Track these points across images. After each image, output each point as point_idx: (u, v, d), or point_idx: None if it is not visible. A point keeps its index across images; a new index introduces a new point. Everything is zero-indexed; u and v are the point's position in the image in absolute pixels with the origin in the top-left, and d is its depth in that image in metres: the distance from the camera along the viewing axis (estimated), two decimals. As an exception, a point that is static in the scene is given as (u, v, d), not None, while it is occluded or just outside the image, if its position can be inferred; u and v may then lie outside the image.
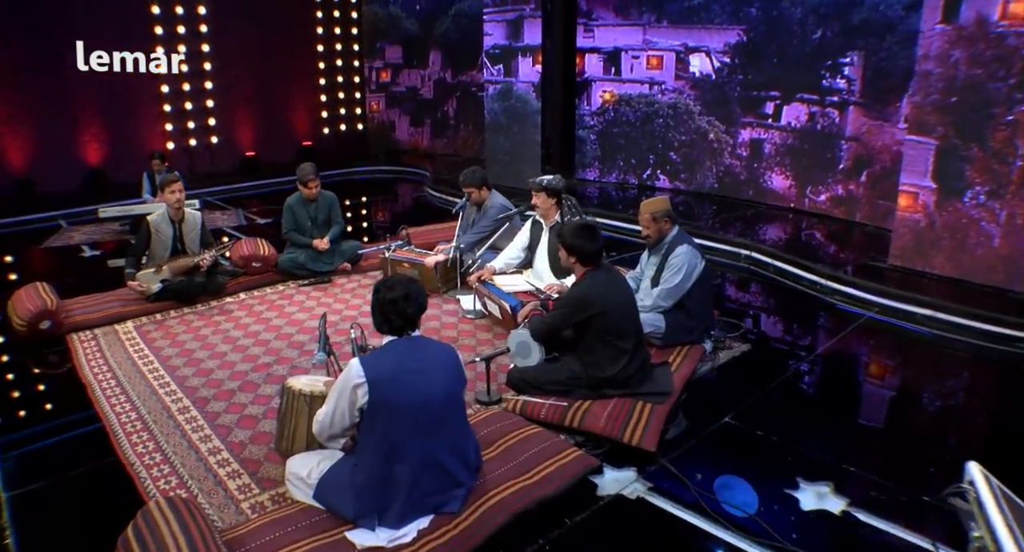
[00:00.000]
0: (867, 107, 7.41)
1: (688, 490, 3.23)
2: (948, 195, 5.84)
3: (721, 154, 8.85)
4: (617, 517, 3.07)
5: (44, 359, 4.77)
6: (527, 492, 3.05)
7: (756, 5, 8.08)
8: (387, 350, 2.81)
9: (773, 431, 3.80)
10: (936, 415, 4.18)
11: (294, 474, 2.97)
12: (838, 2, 7.38)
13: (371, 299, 2.86)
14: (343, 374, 2.76)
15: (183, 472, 3.26)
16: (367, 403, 2.71)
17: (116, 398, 4.01)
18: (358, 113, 12.41)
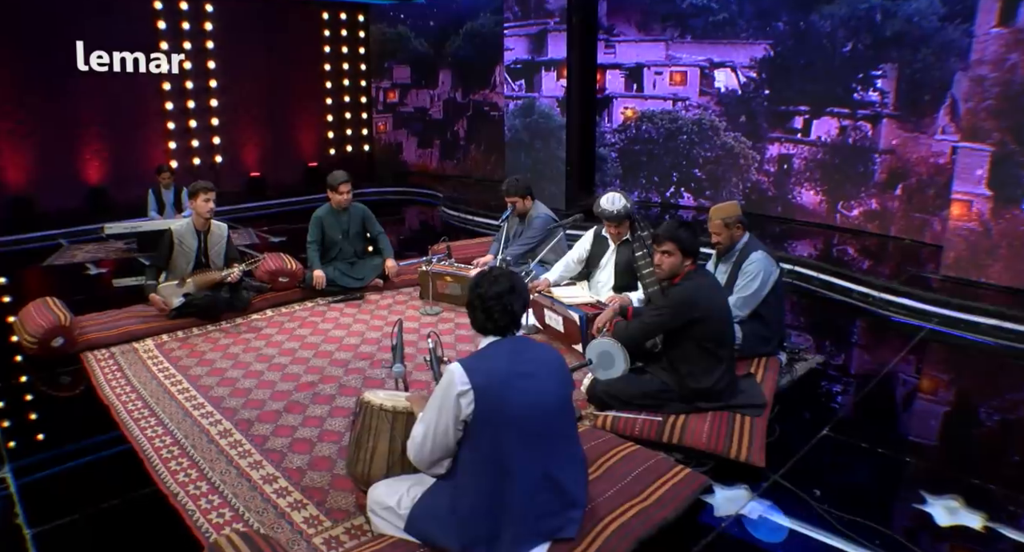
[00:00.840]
0: (902, 119, 7.32)
1: (810, 506, 2.95)
2: (1005, 203, 5.69)
3: (748, 170, 8.72)
4: (743, 539, 2.78)
5: (58, 379, 4.42)
6: (647, 515, 2.75)
7: (784, 19, 8.02)
8: (491, 352, 2.50)
9: (876, 443, 3.55)
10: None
11: (379, 504, 2.62)
12: (869, 15, 7.33)
13: (469, 295, 2.55)
14: (441, 383, 2.43)
15: (236, 503, 2.92)
16: (472, 414, 2.38)
17: (145, 421, 3.68)
18: (365, 134, 12.20)
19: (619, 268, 4.99)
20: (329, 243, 5.96)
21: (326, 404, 3.86)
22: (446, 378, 2.41)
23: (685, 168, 9.16)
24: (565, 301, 4.77)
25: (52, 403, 4.20)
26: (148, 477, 3.14)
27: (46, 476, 3.27)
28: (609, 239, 5.10)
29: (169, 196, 8.30)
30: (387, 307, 5.65)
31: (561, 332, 4.72)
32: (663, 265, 3.60)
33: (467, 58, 11.32)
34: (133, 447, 3.42)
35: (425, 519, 2.51)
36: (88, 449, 3.51)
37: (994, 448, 3.65)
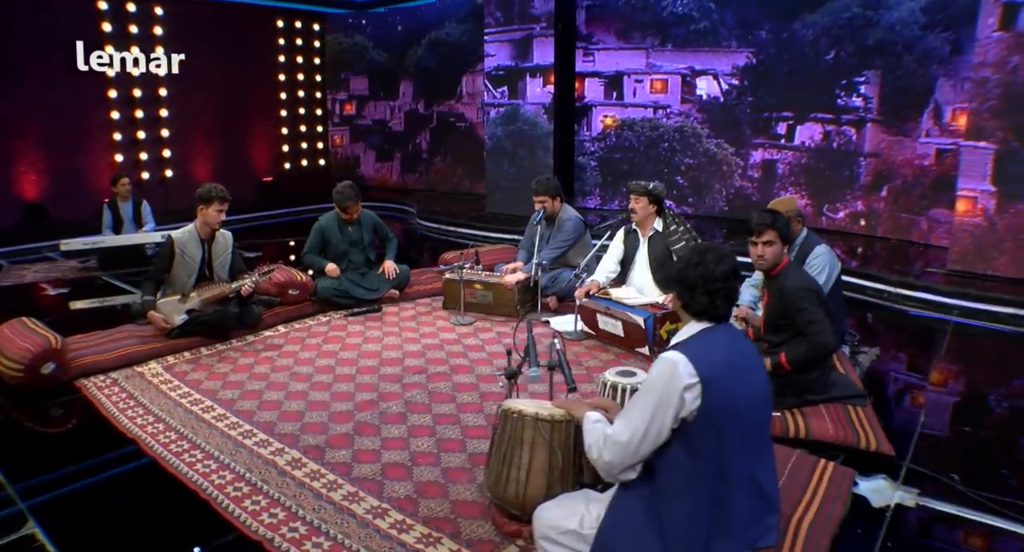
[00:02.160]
0: (886, 124, 7.65)
1: (955, 489, 2.95)
2: (1008, 198, 6.00)
3: (731, 177, 8.90)
4: (913, 527, 2.72)
5: (55, 414, 3.87)
6: (827, 513, 2.63)
7: (766, 28, 8.28)
8: (709, 340, 2.24)
9: (975, 426, 3.62)
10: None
11: (554, 528, 2.32)
12: (852, 23, 7.66)
13: (688, 274, 2.27)
14: (661, 376, 2.15)
15: (352, 544, 2.54)
16: (696, 411, 2.14)
17: (189, 455, 3.23)
18: (320, 148, 11.75)
19: (653, 261, 4.96)
20: (335, 254, 5.62)
21: (400, 423, 3.54)
22: (665, 369, 2.17)
23: (667, 176, 9.25)
24: (627, 302, 4.64)
25: (61, 442, 3.63)
26: (223, 521, 2.71)
27: (88, 535, 2.76)
28: (639, 233, 5.03)
29: (127, 209, 7.67)
30: (412, 318, 5.35)
31: (619, 336, 4.58)
32: (766, 255, 3.52)
33: (430, 68, 11.12)
34: (185, 485, 2.97)
35: (619, 537, 2.25)
36: (126, 490, 3.06)
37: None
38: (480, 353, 4.57)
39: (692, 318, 2.31)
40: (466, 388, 3.99)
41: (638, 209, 4.96)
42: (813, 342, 3.44)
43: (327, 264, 5.46)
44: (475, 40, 10.50)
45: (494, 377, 4.13)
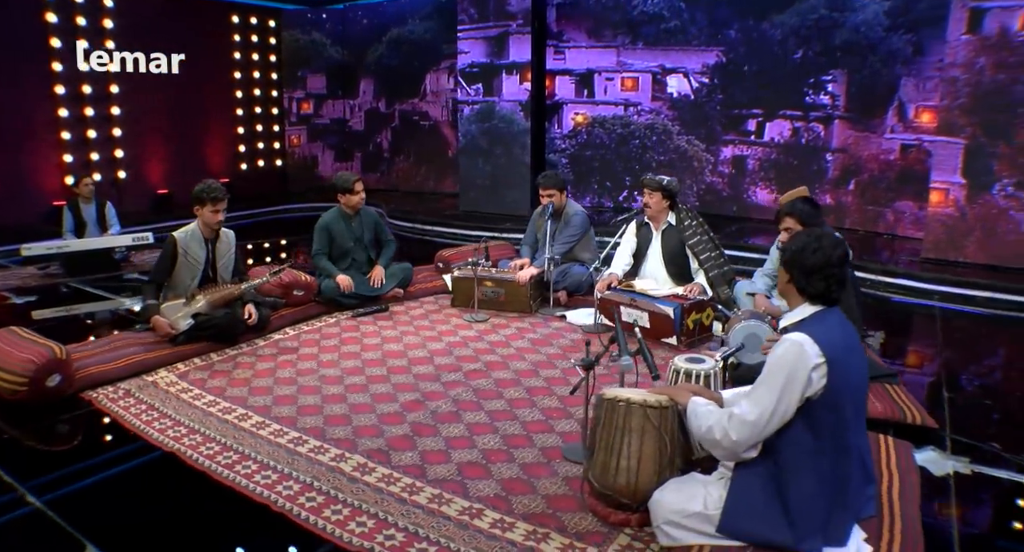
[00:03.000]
0: (852, 121, 8.04)
1: (1002, 456, 3.19)
2: (978, 189, 6.42)
3: (702, 172, 9.16)
4: (977, 493, 2.93)
5: (69, 429, 3.61)
6: (910, 483, 2.78)
7: (735, 27, 8.56)
8: (825, 321, 2.35)
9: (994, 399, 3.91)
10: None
11: (678, 512, 2.40)
12: (819, 24, 8.02)
13: (808, 259, 2.33)
14: (787, 360, 2.24)
15: (460, 547, 2.48)
16: (821, 390, 2.25)
17: (244, 466, 3.07)
18: (277, 148, 11.43)
19: (667, 255, 5.09)
20: (339, 252, 5.51)
21: (455, 422, 3.50)
22: (792, 350, 2.26)
23: (638, 172, 9.43)
24: (651, 293, 4.74)
25: (94, 462, 3.31)
26: (306, 533, 2.59)
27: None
28: (651, 227, 5.15)
29: (91, 212, 7.30)
30: (424, 317, 5.30)
31: (645, 327, 4.66)
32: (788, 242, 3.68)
33: (392, 66, 10.99)
34: (249, 499, 2.83)
35: (742, 515, 2.33)
36: (181, 506, 2.91)
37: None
38: (507, 349, 4.58)
39: (805, 301, 2.42)
40: (508, 384, 3.99)
41: (652, 203, 5.06)
42: None
43: (339, 274, 5.32)
44: (440, 37, 10.47)
45: (531, 371, 4.16)
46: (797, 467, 2.30)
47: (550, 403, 3.74)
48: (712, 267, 4.99)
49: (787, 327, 2.45)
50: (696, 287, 4.87)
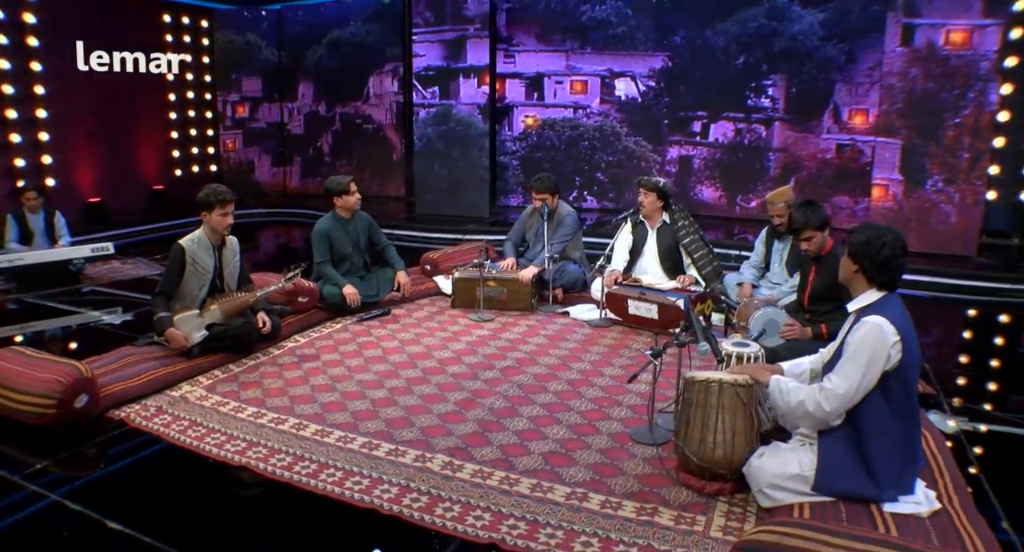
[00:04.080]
0: (792, 122, 8.70)
1: (995, 415, 3.72)
2: (913, 184, 7.14)
3: (649, 172, 9.60)
4: (985, 444, 3.43)
5: (117, 453, 3.44)
6: (937, 440, 3.20)
7: (680, 34, 9.06)
8: (892, 305, 2.70)
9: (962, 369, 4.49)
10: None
11: (780, 475, 2.70)
12: (759, 33, 8.63)
13: (878, 252, 2.67)
14: (870, 339, 2.57)
15: (585, 528, 2.65)
16: (896, 364, 2.60)
17: (328, 474, 3.08)
18: (212, 153, 11.04)
19: (662, 252, 5.44)
20: (338, 258, 5.52)
21: (515, 417, 3.65)
22: (874, 331, 2.59)
23: (588, 172, 9.82)
24: (658, 287, 5.04)
25: (166, 485, 3.23)
26: (431, 533, 2.67)
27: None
28: (647, 225, 5.48)
29: (38, 222, 6.91)
30: (430, 319, 5.40)
31: (653, 319, 4.96)
32: (811, 247, 4.10)
33: (333, 68, 10.87)
34: (351, 505, 2.86)
35: (833, 474, 2.66)
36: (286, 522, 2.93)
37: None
38: (528, 346, 4.76)
39: (872, 288, 2.76)
40: (546, 379, 4.17)
41: (646, 203, 5.39)
42: None
43: (346, 283, 5.32)
44: (382, 40, 10.46)
45: (561, 366, 4.37)
46: (875, 431, 2.65)
47: (595, 393, 3.95)
48: (705, 264, 5.36)
49: (858, 311, 2.79)
50: (689, 279, 5.25)
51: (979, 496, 2.87)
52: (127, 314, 5.68)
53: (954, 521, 2.58)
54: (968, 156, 6.91)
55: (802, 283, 4.40)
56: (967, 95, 6.70)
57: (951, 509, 2.66)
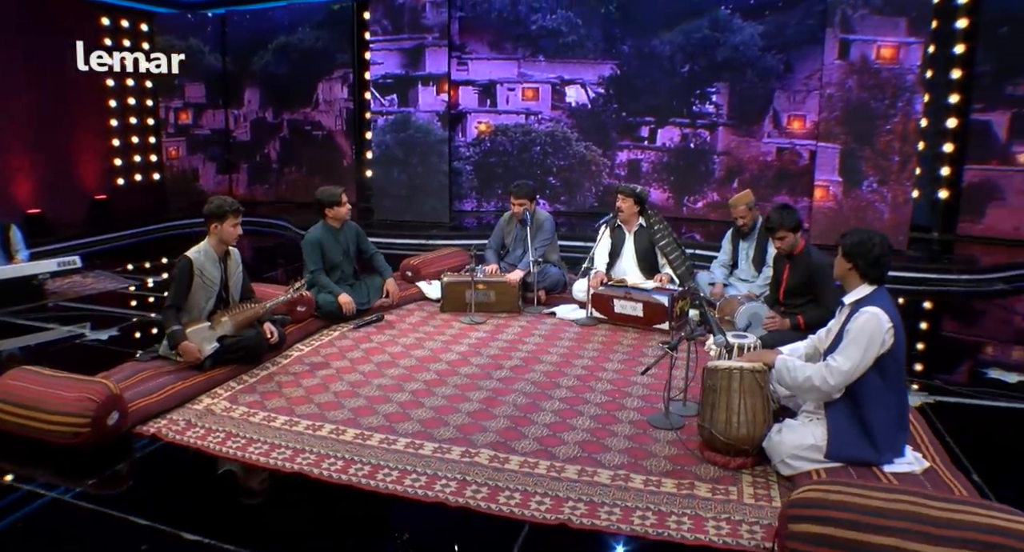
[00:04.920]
0: (735, 127, 9.34)
1: (949, 389, 4.25)
2: (851, 185, 7.85)
3: (600, 176, 10.10)
4: (946, 416, 4.01)
5: (164, 474, 3.50)
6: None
7: (628, 43, 9.57)
8: (882, 297, 3.14)
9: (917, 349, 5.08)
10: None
11: (798, 447, 3.12)
12: (703, 43, 9.23)
13: (870, 252, 3.10)
14: (870, 326, 2.99)
15: (638, 504, 2.99)
16: (889, 347, 3.05)
17: (385, 474, 3.25)
18: (155, 161, 10.82)
19: (639, 253, 5.87)
20: (329, 266, 5.67)
21: (539, 411, 3.93)
22: (872, 319, 3.03)
23: (540, 176, 10.19)
24: (642, 286, 5.45)
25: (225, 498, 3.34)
26: (502, 520, 2.90)
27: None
28: (624, 227, 5.90)
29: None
30: (424, 323, 5.63)
31: (638, 317, 5.37)
32: (783, 245, 4.61)
33: (280, 75, 10.86)
34: (418, 502, 3.07)
35: (842, 443, 3.10)
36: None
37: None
38: (527, 345, 5.06)
39: (864, 283, 3.22)
40: (556, 375, 4.49)
41: (624, 208, 5.80)
42: (829, 310, 4.54)
43: (341, 292, 5.49)
44: (332, 46, 10.54)
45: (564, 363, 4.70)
46: (874, 403, 3.11)
47: (604, 387, 4.30)
48: (679, 264, 5.82)
49: (853, 303, 3.25)
50: (665, 277, 5.69)
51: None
52: (111, 329, 5.64)
53: (941, 476, 3.06)
54: (898, 159, 7.67)
55: (777, 280, 4.90)
56: (896, 104, 7.45)
57: (936, 466, 3.15)
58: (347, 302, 5.48)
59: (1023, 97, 8.18)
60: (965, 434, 3.67)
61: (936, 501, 2.44)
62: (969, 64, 8.36)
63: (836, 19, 7.50)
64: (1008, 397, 4.27)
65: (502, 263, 6.25)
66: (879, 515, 2.36)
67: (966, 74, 8.39)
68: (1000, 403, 4.19)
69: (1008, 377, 4.62)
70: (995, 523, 2.31)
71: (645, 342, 5.14)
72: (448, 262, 6.75)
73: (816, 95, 8.42)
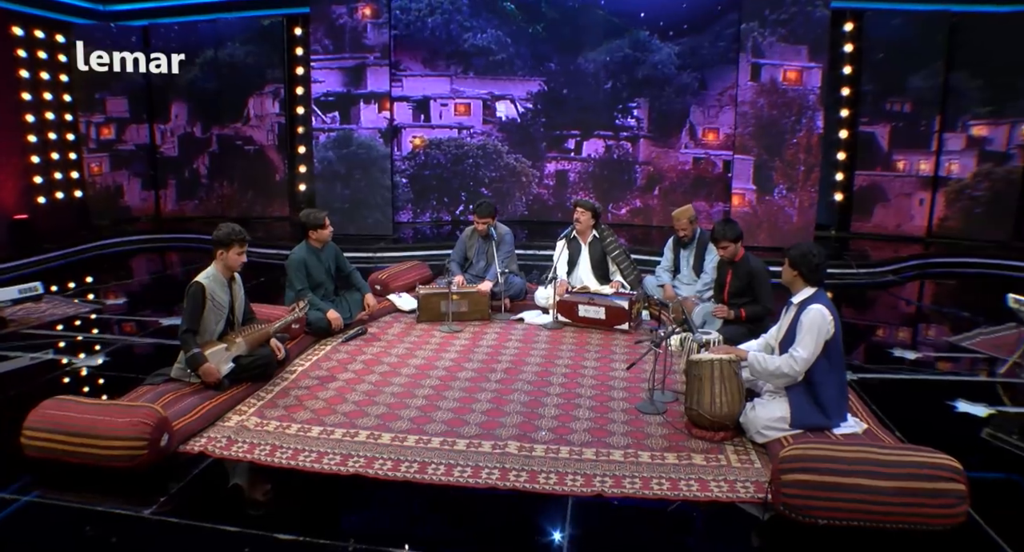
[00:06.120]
0: (654, 139, 10.38)
1: (867, 368, 5.31)
2: (764, 193, 9.01)
3: (529, 186, 10.91)
4: (871, 391, 4.98)
5: (252, 486, 3.88)
6: (860, 386, 4.72)
7: (555, 61, 10.41)
8: (822, 296, 4.03)
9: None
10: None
11: (769, 420, 3.96)
12: (624, 61, 10.20)
13: (812, 260, 4.01)
14: (817, 320, 3.85)
15: (653, 475, 3.72)
16: (832, 335, 3.94)
17: (434, 468, 3.82)
18: (76, 177, 10.71)
19: (594, 262, 6.70)
20: (313, 285, 6.14)
21: (542, 406, 4.60)
22: (819, 314, 3.91)
23: (472, 188, 10.90)
24: (603, 292, 6.29)
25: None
26: (549, 497, 3.58)
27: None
28: (579, 238, 6.72)
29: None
30: (406, 334, 6.18)
31: (601, 319, 6.19)
32: (726, 253, 5.52)
33: (209, 89, 11.01)
34: (478, 489, 3.64)
35: (803, 414, 3.98)
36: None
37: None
38: (508, 350, 5.74)
39: (807, 286, 4.14)
40: (545, 374, 5.19)
41: (583, 220, 6.60)
42: (765, 307, 5.51)
43: (330, 308, 5.96)
44: (262, 62, 10.82)
45: (548, 363, 5.43)
46: (822, 381, 3.99)
47: (590, 382, 5.06)
48: (629, 271, 6.67)
49: (800, 302, 4.16)
50: (617, 283, 6.54)
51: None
52: (103, 355, 5.83)
53: (876, 435, 4.02)
54: (803, 169, 8.89)
55: (720, 282, 5.81)
56: (801, 121, 8.66)
57: (871, 427, 4.10)
58: (335, 318, 5.99)
59: (899, 113, 9.64)
60: (884, 402, 4.67)
61: (882, 448, 3.36)
62: (856, 83, 9.75)
63: (748, 46, 8.62)
64: (910, 371, 5.37)
65: (466, 274, 6.91)
66: (846, 463, 3.24)
67: (853, 92, 9.78)
68: (904, 376, 5.27)
69: (908, 355, 5.75)
70: (924, 459, 3.24)
71: (611, 341, 5.95)
72: (412, 274, 7.35)
73: (728, 109, 9.55)
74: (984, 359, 5.70)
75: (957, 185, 9.79)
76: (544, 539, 3.30)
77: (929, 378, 5.32)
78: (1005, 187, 9.55)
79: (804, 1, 8.40)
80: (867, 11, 9.57)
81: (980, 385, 5.21)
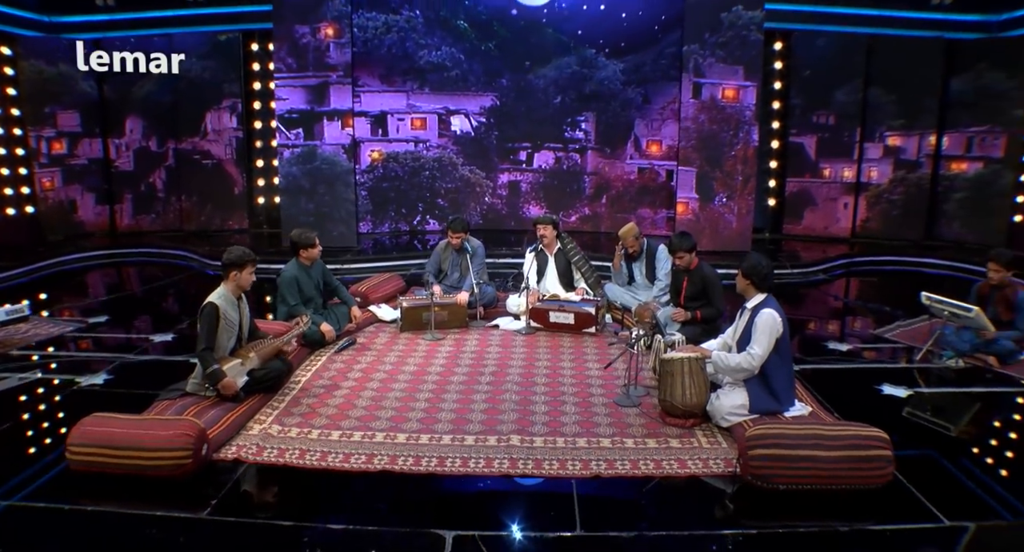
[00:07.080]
0: (601, 150, 11.23)
1: (808, 360, 6.25)
2: (706, 201, 9.96)
3: (483, 196, 11.61)
4: (816, 379, 5.90)
5: (302, 489, 4.28)
6: (803, 375, 5.62)
7: (506, 77, 11.14)
8: (772, 301, 4.84)
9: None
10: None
11: (732, 407, 4.73)
12: (573, 77, 11.01)
13: (761, 270, 4.84)
14: (769, 322, 4.64)
15: (641, 460, 4.43)
16: (782, 333, 4.77)
17: (450, 461, 4.39)
18: (27, 192, 10.80)
19: (560, 271, 7.45)
20: (304, 300, 6.69)
21: (532, 404, 5.24)
22: (771, 317, 4.73)
23: (429, 199, 11.53)
24: (571, 299, 7.06)
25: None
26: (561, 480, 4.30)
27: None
28: (546, 251, 7.47)
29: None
30: (393, 342, 6.76)
31: (571, 324, 6.95)
32: (682, 263, 6.34)
33: (164, 103, 11.28)
34: (491, 477, 4.31)
35: (760, 401, 4.78)
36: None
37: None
38: (490, 355, 6.38)
39: (759, 292, 4.98)
40: (529, 375, 5.87)
41: (547, 234, 7.34)
42: (718, 309, 6.36)
43: (323, 322, 6.51)
44: (219, 77, 11.16)
45: (529, 364, 6.15)
46: (774, 373, 4.79)
47: (570, 380, 5.79)
48: (590, 277, 7.45)
49: (753, 307, 5.00)
50: (581, 290, 7.31)
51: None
52: (106, 374, 6.10)
53: (819, 416, 4.89)
54: (741, 179, 9.87)
55: (677, 289, 6.62)
56: (738, 135, 9.63)
57: (815, 410, 4.96)
58: (328, 330, 6.55)
59: (825, 124, 10.77)
60: (822, 387, 5.56)
61: (825, 425, 4.24)
62: (785, 97, 10.83)
63: (690, 66, 9.55)
64: (843, 361, 6.32)
65: (442, 285, 7.56)
66: (800, 438, 4.07)
67: (783, 105, 10.86)
68: (838, 365, 6.21)
69: (840, 346, 6.72)
70: (858, 433, 4.11)
71: (581, 343, 6.70)
72: (389, 286, 7.96)
73: (670, 122, 10.47)
74: (903, 348, 6.70)
75: (876, 190, 11.00)
76: (559, 513, 4.00)
77: (858, 366, 6.28)
78: (917, 192, 10.80)
79: (740, 25, 9.37)
80: (795, 31, 10.67)
81: (900, 371, 6.18)
